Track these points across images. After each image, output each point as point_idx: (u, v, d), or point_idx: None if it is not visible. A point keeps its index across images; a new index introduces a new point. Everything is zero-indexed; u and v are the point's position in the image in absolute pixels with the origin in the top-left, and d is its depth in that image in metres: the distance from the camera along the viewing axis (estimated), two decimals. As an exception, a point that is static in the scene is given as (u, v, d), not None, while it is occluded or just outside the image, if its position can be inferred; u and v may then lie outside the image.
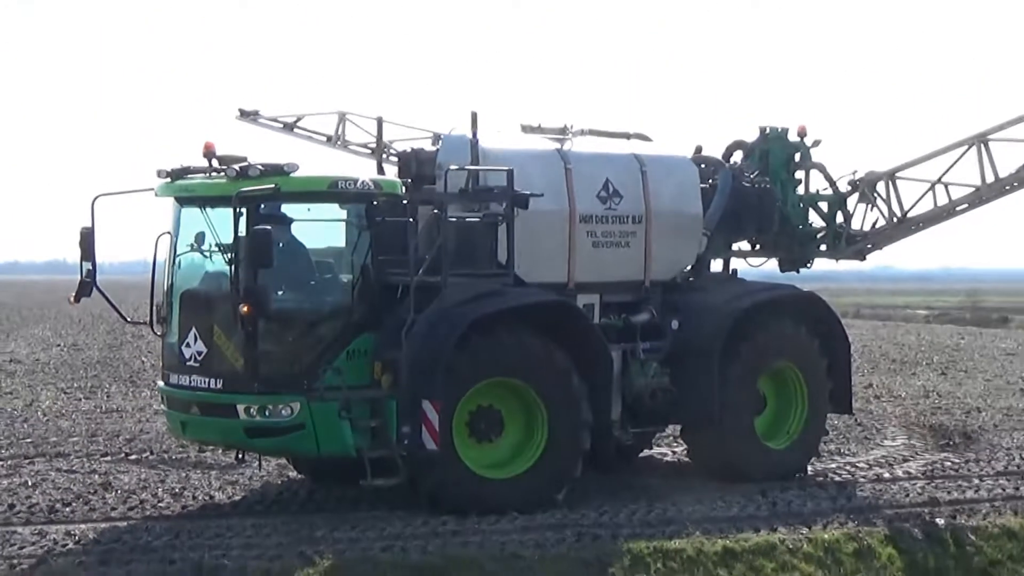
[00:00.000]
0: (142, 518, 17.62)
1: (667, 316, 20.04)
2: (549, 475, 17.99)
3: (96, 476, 20.17)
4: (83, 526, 17.00)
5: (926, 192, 22.21)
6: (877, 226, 22.50)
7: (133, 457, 22.02)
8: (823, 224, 22.66)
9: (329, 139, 24.35)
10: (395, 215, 17.59)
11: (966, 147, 21.93)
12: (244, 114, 24.70)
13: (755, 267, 22.71)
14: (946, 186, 22.14)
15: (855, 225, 22.59)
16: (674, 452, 22.82)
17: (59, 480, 19.87)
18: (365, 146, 23.99)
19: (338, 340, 17.39)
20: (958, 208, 22.22)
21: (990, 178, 21.87)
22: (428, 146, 20.78)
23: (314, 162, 21.75)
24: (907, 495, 19.72)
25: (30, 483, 19.59)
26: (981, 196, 22.05)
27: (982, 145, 21.85)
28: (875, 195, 22.34)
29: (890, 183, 22.32)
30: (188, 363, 17.56)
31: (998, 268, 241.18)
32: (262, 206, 16.95)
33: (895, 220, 22.37)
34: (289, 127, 24.72)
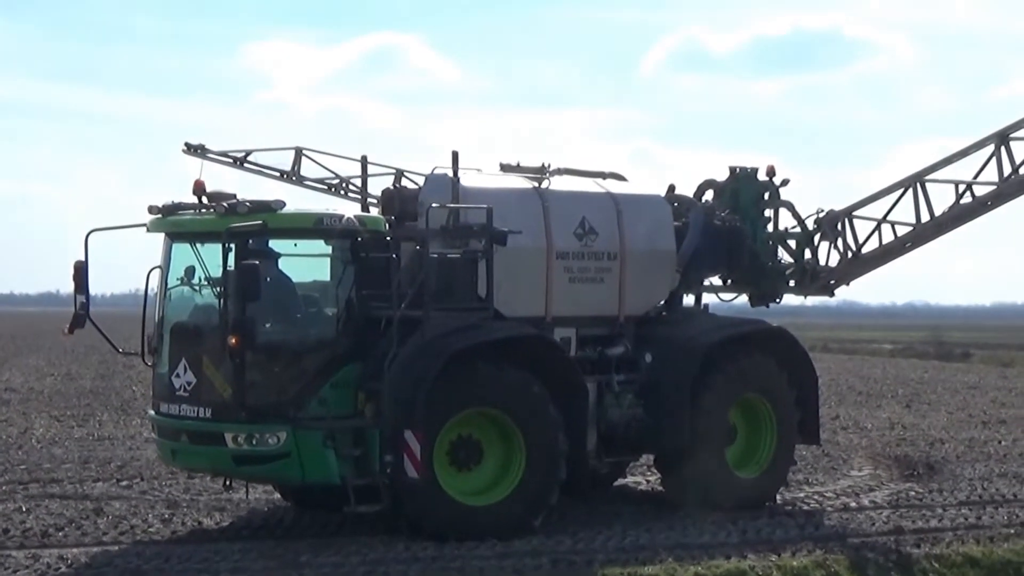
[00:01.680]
0: (133, 543, 17.57)
1: (641, 349, 20.06)
2: (527, 502, 17.96)
3: (88, 502, 20.10)
4: (75, 550, 16.93)
5: (873, 231, 22.34)
6: (835, 263, 22.56)
7: (124, 483, 21.96)
8: (792, 260, 22.70)
9: (283, 174, 23.82)
10: (379, 251, 17.59)
11: (903, 188, 22.10)
12: (190, 148, 23.97)
13: (726, 302, 22.78)
14: (892, 225, 22.28)
15: (821, 262, 22.66)
16: (648, 481, 22.81)
17: (52, 505, 19.80)
18: (322, 181, 23.65)
19: (323, 371, 17.37)
20: (906, 245, 22.34)
21: (925, 217, 22.03)
22: (390, 184, 21.02)
23: (301, 200, 21.85)
24: (873, 524, 19.73)
25: (24, 508, 19.52)
26: (919, 234, 22.18)
27: (918, 185, 22.02)
28: (835, 233, 22.42)
29: (847, 221, 22.42)
30: (178, 393, 17.53)
31: (961, 304, 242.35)
32: (250, 241, 16.93)
33: (850, 256, 22.46)
34: (240, 162, 24.04)
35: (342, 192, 23.26)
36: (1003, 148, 21.54)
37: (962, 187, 21.87)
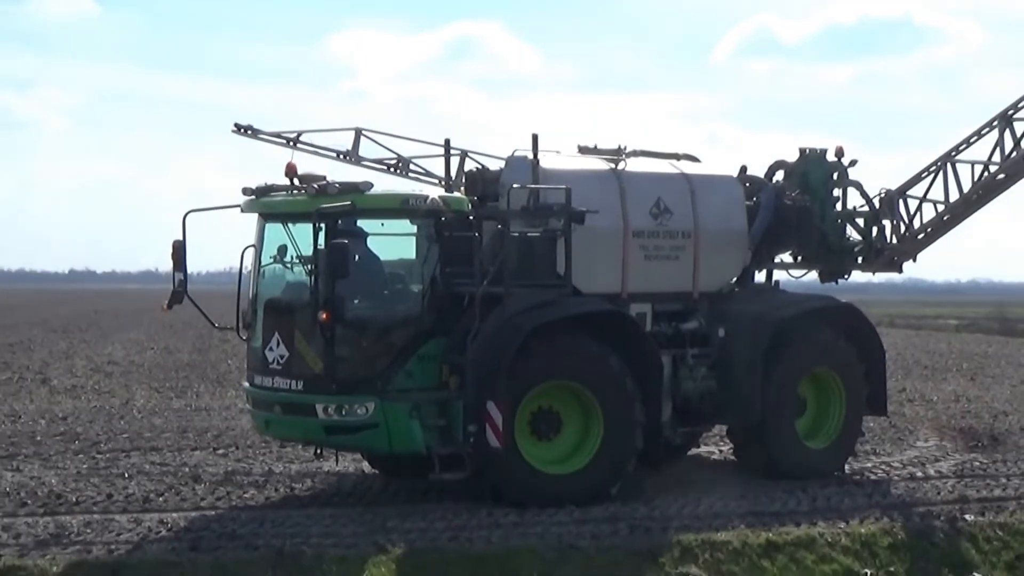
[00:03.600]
0: (228, 508, 17.71)
1: (714, 324, 19.95)
2: (604, 471, 17.96)
3: (186, 468, 20.28)
4: (175, 515, 17.11)
5: (916, 209, 22.29)
6: (892, 240, 22.46)
7: (220, 452, 22.13)
8: (860, 238, 22.56)
9: (339, 155, 23.24)
10: (462, 230, 17.62)
11: (937, 168, 22.05)
12: (240, 128, 23.53)
13: (796, 279, 22.63)
14: (933, 203, 22.17)
15: (887, 239, 22.55)
16: (720, 451, 22.73)
17: (153, 472, 20.00)
18: (380, 162, 23.24)
19: (409, 345, 17.41)
20: (944, 221, 22.23)
21: (954, 195, 21.94)
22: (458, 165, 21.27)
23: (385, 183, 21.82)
24: (938, 493, 19.58)
25: (127, 475, 19.73)
26: (952, 212, 22.09)
27: (949, 165, 21.95)
28: (894, 211, 22.34)
29: (901, 200, 22.33)
30: (271, 366, 17.62)
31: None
32: (340, 221, 16.99)
33: (905, 234, 22.34)
34: (292, 142, 23.29)
35: (400, 172, 23.00)
36: (1007, 128, 21.47)
37: (979, 167, 21.83)
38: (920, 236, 22.38)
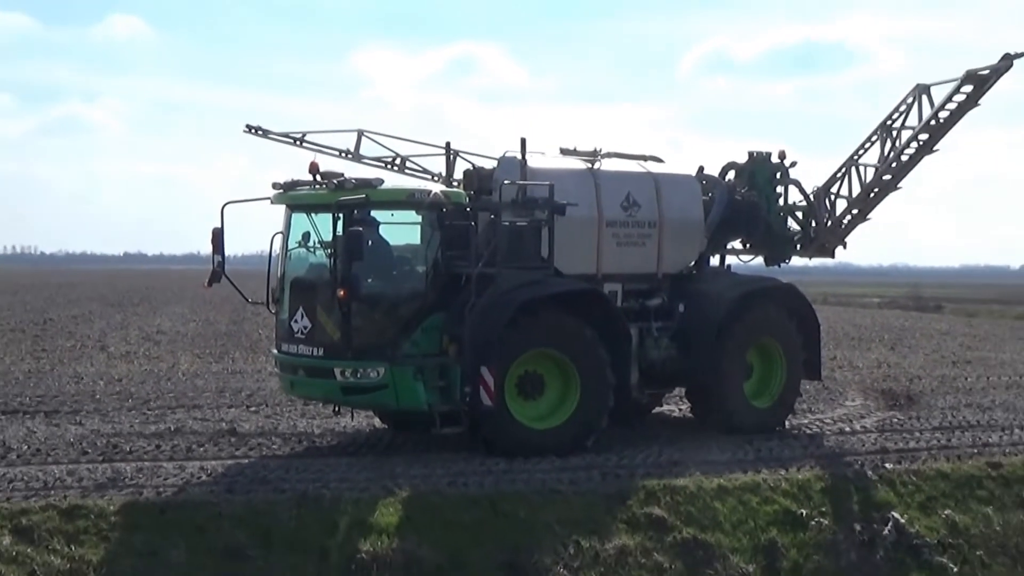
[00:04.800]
0: (260, 457, 17.64)
1: (675, 301, 19.94)
2: (581, 426, 17.92)
3: (223, 423, 20.19)
4: (214, 462, 17.04)
5: (832, 203, 22.26)
6: (817, 230, 22.45)
7: (253, 409, 22.05)
8: (799, 228, 22.54)
9: (341, 153, 22.55)
10: (460, 219, 17.56)
11: (845, 169, 22.05)
12: (250, 129, 22.85)
13: (745, 263, 22.63)
14: (845, 199, 22.20)
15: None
16: (680, 409, 22.69)
17: (195, 426, 19.91)
18: (379, 159, 22.65)
19: (414, 318, 17.34)
20: (853, 213, 22.19)
21: (856, 191, 21.96)
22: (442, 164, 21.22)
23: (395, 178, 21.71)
24: (863, 445, 19.60)
25: (172, 428, 19.64)
26: (856, 206, 22.06)
27: (853, 167, 21.96)
28: (822, 206, 22.33)
29: (826, 196, 22.31)
30: (296, 335, 17.55)
31: (935, 266, 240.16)
32: (356, 212, 16.92)
33: (827, 224, 22.30)
34: (299, 141, 22.58)
35: (398, 169, 22.72)
36: (887, 136, 21.46)
37: (872, 169, 21.82)
38: (840, 227, 22.40)
